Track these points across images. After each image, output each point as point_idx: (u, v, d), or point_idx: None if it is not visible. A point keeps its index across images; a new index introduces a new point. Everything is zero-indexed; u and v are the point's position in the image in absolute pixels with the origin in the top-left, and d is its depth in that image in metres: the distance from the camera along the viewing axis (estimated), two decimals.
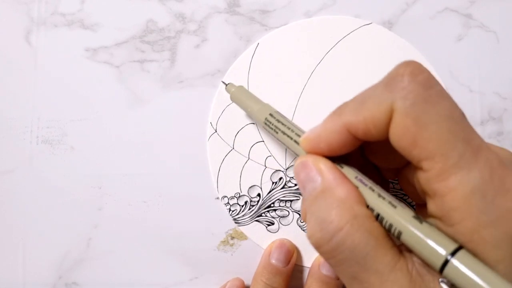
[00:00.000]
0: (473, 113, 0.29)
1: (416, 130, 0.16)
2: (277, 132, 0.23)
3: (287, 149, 0.25)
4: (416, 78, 0.16)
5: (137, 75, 0.30)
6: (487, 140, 0.29)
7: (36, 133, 0.30)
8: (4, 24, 0.31)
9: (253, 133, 0.29)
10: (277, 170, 0.29)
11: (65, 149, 0.30)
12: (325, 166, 0.19)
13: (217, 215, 0.29)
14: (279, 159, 0.29)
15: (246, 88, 0.28)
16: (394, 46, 0.29)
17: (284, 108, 0.29)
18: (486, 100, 0.29)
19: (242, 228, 0.29)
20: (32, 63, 0.30)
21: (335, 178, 0.18)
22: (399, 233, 0.17)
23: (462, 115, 0.17)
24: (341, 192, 0.18)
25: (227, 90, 0.27)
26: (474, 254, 0.15)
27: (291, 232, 0.29)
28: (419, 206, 0.21)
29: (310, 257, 0.28)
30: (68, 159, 0.30)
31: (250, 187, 0.29)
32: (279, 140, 0.23)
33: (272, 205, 0.29)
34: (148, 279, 0.29)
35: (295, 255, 0.28)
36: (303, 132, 0.22)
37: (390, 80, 0.17)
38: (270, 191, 0.29)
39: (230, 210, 0.29)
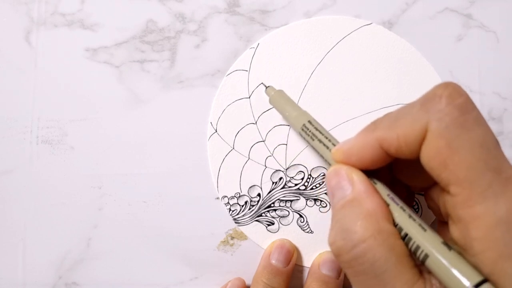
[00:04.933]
0: None
1: (448, 153, 0.16)
2: (313, 140, 0.23)
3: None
4: (453, 101, 0.16)
5: (137, 75, 0.30)
6: None
7: (36, 133, 0.30)
8: (4, 24, 0.31)
9: (253, 133, 0.29)
10: (277, 170, 0.29)
11: (65, 149, 0.30)
12: (357, 177, 0.19)
13: (217, 215, 0.29)
14: (279, 159, 0.29)
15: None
16: (394, 46, 0.29)
17: None
18: (486, 100, 0.29)
19: (242, 228, 0.29)
20: (32, 63, 0.30)
21: (366, 190, 0.18)
22: (425, 257, 0.17)
23: (496, 144, 0.16)
24: (370, 205, 0.18)
25: (267, 93, 0.27)
26: (495, 286, 0.15)
27: (291, 232, 0.29)
28: (440, 224, 0.20)
29: (310, 257, 0.28)
30: (68, 159, 0.30)
31: (250, 187, 0.29)
32: (314, 148, 0.23)
33: (272, 205, 0.29)
34: (148, 279, 0.29)
35: (295, 256, 0.28)
36: (339, 142, 0.22)
37: (427, 100, 0.17)
38: (270, 191, 0.29)
39: (230, 210, 0.29)
